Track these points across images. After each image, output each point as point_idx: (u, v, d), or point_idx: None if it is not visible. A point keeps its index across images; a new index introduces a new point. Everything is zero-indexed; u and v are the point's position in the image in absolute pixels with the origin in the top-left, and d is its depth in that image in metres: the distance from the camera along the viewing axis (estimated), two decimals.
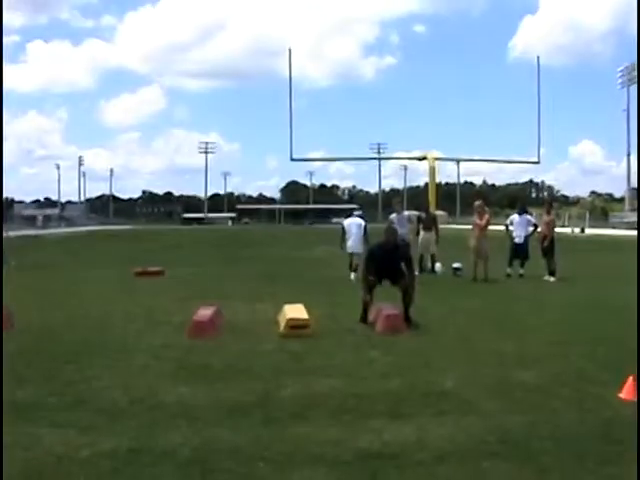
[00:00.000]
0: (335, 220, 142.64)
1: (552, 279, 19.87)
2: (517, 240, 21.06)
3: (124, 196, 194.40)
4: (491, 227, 20.69)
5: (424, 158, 25.31)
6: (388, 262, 12.27)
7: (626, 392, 7.36)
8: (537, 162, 26.16)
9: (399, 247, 12.55)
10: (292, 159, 24.08)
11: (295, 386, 7.89)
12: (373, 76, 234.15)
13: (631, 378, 7.40)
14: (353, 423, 6.54)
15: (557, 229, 21.92)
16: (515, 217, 21.61)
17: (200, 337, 10.66)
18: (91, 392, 7.65)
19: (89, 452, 5.73)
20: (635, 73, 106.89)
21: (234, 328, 11.59)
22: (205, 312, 11.60)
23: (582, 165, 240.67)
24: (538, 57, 26.65)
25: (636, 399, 7.15)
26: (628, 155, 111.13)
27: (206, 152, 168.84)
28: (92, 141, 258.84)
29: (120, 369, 8.79)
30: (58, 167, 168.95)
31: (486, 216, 20.36)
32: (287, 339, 10.62)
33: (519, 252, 20.99)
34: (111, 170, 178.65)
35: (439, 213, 30.37)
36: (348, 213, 22.31)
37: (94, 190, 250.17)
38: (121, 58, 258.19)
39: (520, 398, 7.39)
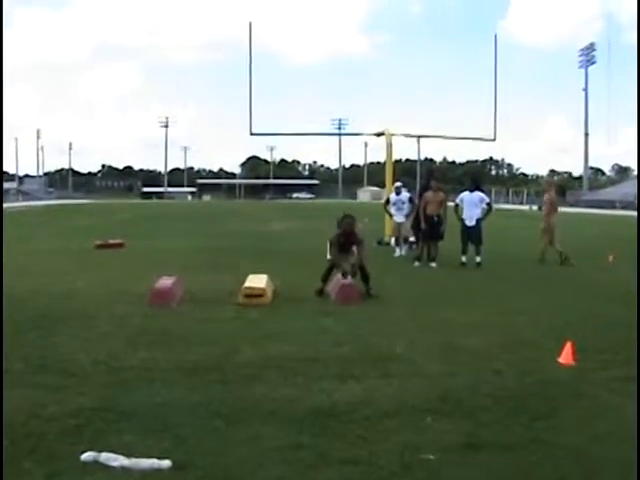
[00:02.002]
0: (295, 195, 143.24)
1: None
2: (468, 222, 18.13)
3: (83, 170, 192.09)
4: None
5: (382, 134, 25.59)
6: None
7: (564, 357, 7.80)
8: (493, 139, 26.70)
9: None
10: (252, 133, 24.27)
11: (251, 351, 8.25)
12: (362, 53, 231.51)
13: (569, 343, 7.85)
14: (305, 384, 6.90)
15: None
16: (465, 195, 18.48)
17: (160, 305, 10.94)
18: (56, 357, 7.90)
19: (56, 410, 6.01)
20: (594, 53, 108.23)
21: (194, 298, 11.89)
22: (165, 282, 11.88)
23: (545, 144, 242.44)
24: (495, 35, 27.24)
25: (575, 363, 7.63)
26: (586, 135, 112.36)
27: (166, 126, 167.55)
28: (51, 113, 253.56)
29: (83, 336, 9.04)
30: (16, 140, 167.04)
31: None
32: (246, 308, 10.95)
33: (471, 236, 18.07)
34: (70, 144, 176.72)
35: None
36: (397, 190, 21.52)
37: (53, 164, 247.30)
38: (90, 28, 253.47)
39: (464, 362, 7.81)
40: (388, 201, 22.10)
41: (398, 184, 21.96)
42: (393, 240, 22.83)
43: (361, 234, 13.49)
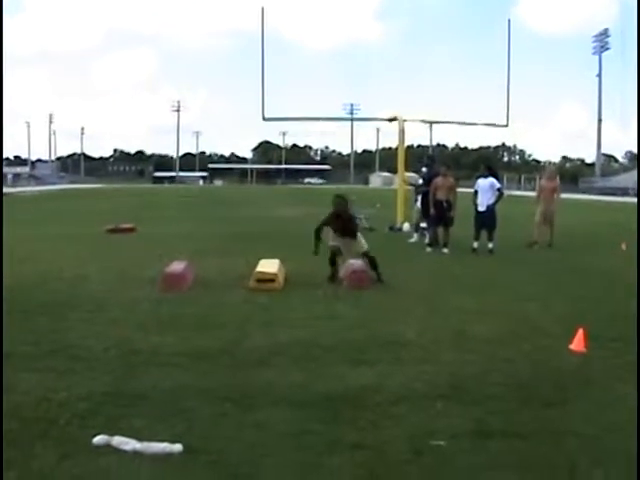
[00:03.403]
0: (307, 180, 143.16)
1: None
2: (480, 208, 18.08)
3: (95, 155, 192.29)
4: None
5: (394, 119, 25.48)
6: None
7: (576, 344, 7.78)
8: (506, 125, 26.61)
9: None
10: (264, 118, 24.24)
11: (261, 335, 8.27)
12: (374, 40, 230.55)
13: (581, 330, 7.82)
14: (316, 370, 6.90)
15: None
16: (480, 181, 18.46)
17: (171, 290, 10.97)
18: (66, 341, 7.92)
19: (66, 395, 6.03)
20: (608, 39, 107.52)
21: (205, 282, 11.89)
22: (176, 266, 11.89)
23: (558, 130, 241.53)
24: (509, 20, 27.14)
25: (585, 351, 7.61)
26: (599, 121, 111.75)
27: (178, 110, 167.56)
28: (64, 98, 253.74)
29: (93, 320, 9.08)
30: (28, 125, 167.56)
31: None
32: (256, 293, 10.97)
33: (484, 222, 17.96)
34: (82, 129, 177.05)
35: (409, 175, 30.46)
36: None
37: (65, 149, 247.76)
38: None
39: (475, 348, 7.80)
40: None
41: (424, 169, 21.36)
42: (407, 226, 22.84)
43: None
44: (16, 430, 5.17)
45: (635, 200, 53.44)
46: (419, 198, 20.73)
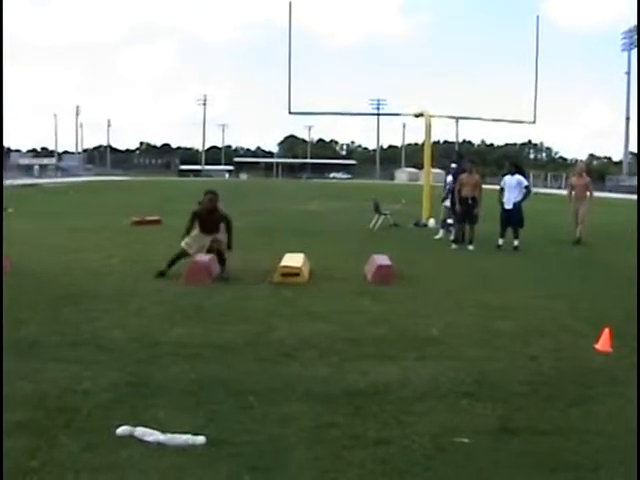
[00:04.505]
0: (332, 175, 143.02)
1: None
2: (506, 206, 18.05)
3: (122, 147, 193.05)
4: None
5: (420, 115, 25.34)
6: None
7: (602, 344, 7.71)
8: (533, 122, 26.45)
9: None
10: (290, 112, 24.26)
11: (286, 329, 8.28)
12: (398, 35, 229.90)
13: (607, 330, 7.75)
14: (341, 364, 6.90)
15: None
16: (507, 178, 18.40)
17: (195, 283, 11.00)
18: (91, 332, 7.98)
19: (91, 385, 6.07)
20: (637, 36, 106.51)
21: (230, 275, 11.91)
22: (201, 259, 11.91)
23: (585, 127, 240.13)
24: (538, 16, 27.03)
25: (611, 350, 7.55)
26: (627, 119, 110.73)
27: (204, 104, 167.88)
28: (91, 91, 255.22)
29: (118, 311, 9.13)
30: (55, 117, 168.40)
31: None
32: (281, 286, 10.99)
33: (510, 219, 17.99)
34: (108, 121, 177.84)
35: (435, 171, 30.49)
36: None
37: (91, 141, 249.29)
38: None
39: (500, 345, 7.76)
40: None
41: (453, 166, 20.98)
42: (432, 222, 22.84)
43: (225, 212, 13.15)
44: (41, 419, 5.20)
45: None
46: (448, 195, 20.47)
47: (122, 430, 4.97)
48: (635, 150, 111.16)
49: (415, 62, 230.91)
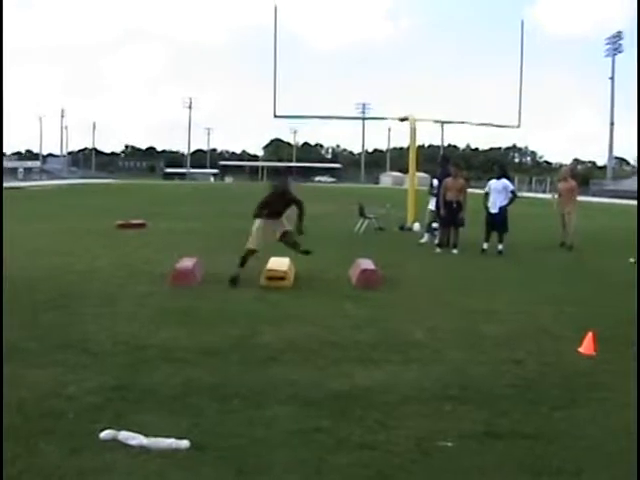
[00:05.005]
0: (317, 179, 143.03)
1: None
2: (491, 210, 18.02)
3: (107, 150, 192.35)
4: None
5: (405, 119, 25.34)
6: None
7: (585, 347, 7.76)
8: (517, 126, 26.53)
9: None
10: (275, 116, 24.23)
11: (271, 333, 8.28)
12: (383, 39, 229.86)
13: (590, 334, 7.80)
14: (325, 367, 6.91)
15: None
16: (492, 182, 18.45)
17: (181, 286, 10.99)
18: (76, 336, 7.95)
19: (75, 389, 6.05)
20: (621, 42, 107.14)
21: (215, 278, 11.90)
22: (187, 262, 11.92)
23: (570, 132, 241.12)
24: (522, 21, 27.13)
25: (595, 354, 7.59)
26: (611, 124, 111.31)
27: (190, 107, 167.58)
28: (76, 93, 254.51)
29: (103, 315, 9.10)
30: (40, 119, 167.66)
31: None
32: (267, 290, 11.00)
33: (495, 224, 17.95)
34: (93, 124, 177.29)
35: (420, 175, 30.60)
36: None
37: (76, 144, 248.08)
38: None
39: (484, 349, 7.79)
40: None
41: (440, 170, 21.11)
42: (417, 226, 22.87)
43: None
44: (21, 425, 5.17)
45: None
46: (432, 199, 20.46)
47: (106, 434, 4.96)
48: (619, 155, 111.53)
49: (401, 66, 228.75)
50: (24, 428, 5.14)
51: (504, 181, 18.39)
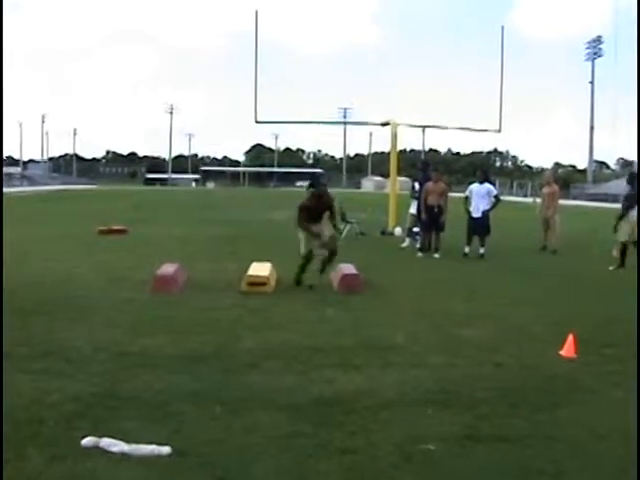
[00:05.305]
0: (299, 184, 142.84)
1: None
2: (474, 214, 18.00)
3: (88, 156, 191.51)
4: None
5: (387, 124, 25.43)
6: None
7: (566, 350, 7.79)
8: (498, 131, 26.71)
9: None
10: (257, 121, 24.22)
11: (252, 339, 8.27)
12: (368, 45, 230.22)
13: (571, 336, 7.84)
14: (306, 373, 6.91)
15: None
16: (474, 187, 18.34)
17: (162, 292, 10.96)
18: (57, 343, 7.91)
19: (57, 396, 6.01)
20: (601, 46, 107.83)
21: (196, 285, 11.89)
22: (168, 268, 11.89)
23: (550, 136, 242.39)
24: (502, 27, 27.37)
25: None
26: (591, 128, 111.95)
27: (171, 113, 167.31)
28: (56, 99, 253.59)
29: (85, 322, 9.05)
30: (21, 125, 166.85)
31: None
32: (247, 295, 10.98)
33: (477, 228, 17.95)
34: (74, 129, 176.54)
35: (401, 179, 30.71)
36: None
37: (57, 149, 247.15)
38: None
39: (465, 353, 7.81)
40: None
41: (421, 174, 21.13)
42: (398, 230, 22.89)
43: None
44: (8, 432, 5.15)
45: None
46: (414, 203, 20.45)
47: (87, 441, 4.94)
48: (599, 159, 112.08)
49: (383, 71, 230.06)
50: (12, 434, 5.12)
51: (488, 186, 18.48)
